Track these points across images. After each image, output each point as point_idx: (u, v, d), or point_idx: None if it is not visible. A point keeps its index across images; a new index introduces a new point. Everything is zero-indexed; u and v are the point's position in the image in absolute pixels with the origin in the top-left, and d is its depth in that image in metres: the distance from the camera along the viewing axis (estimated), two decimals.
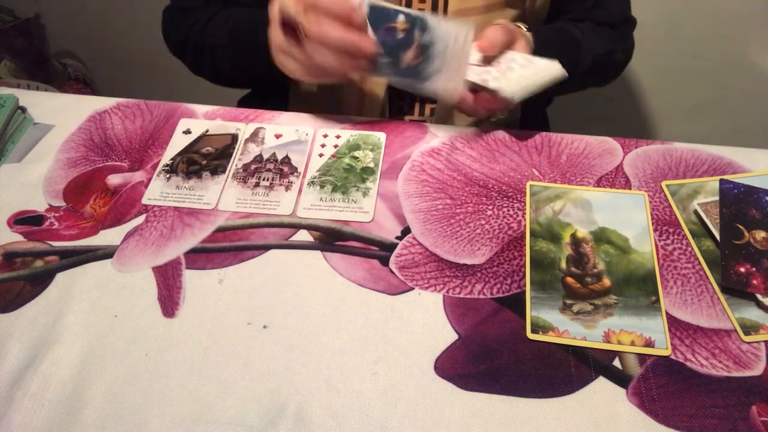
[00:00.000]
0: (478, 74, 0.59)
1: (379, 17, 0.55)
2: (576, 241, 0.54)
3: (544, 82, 0.58)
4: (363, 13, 0.54)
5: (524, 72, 0.58)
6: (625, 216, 0.55)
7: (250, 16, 0.66)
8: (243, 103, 0.85)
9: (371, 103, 0.71)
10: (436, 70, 0.57)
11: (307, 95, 0.74)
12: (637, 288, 0.50)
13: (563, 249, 0.53)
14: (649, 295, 0.50)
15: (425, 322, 0.49)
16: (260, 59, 0.62)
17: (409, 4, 0.68)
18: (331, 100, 0.72)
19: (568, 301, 0.50)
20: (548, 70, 0.59)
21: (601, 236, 0.54)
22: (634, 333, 0.47)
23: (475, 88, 0.59)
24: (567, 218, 0.55)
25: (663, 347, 0.47)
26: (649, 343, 0.47)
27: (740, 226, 0.54)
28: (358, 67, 0.56)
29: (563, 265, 0.52)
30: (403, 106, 0.75)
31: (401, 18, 0.55)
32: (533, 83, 0.57)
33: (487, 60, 0.59)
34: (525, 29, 0.67)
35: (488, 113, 0.63)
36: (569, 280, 0.51)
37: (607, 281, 0.51)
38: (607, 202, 0.57)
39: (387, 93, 0.71)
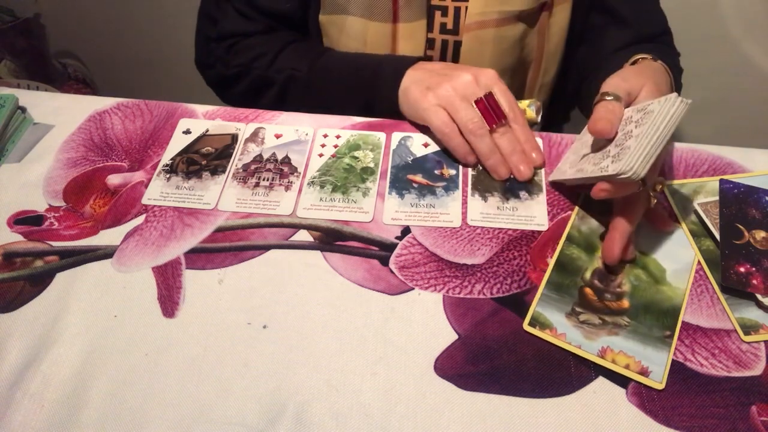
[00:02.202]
0: (597, 163, 0.48)
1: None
2: None
3: (668, 127, 0.44)
4: None
5: (640, 131, 0.45)
6: (672, 249, 0.53)
7: (361, 59, 0.67)
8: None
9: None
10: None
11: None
12: (654, 318, 0.49)
13: (594, 261, 0.52)
14: (665, 329, 0.48)
15: (425, 322, 0.49)
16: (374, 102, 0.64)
17: (430, 20, 0.68)
18: None
19: (578, 309, 0.49)
20: (665, 110, 0.45)
21: (639, 260, 0.52)
22: (632, 358, 0.46)
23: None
24: None
25: (657, 380, 0.45)
26: (644, 371, 0.45)
27: (740, 226, 0.54)
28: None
29: (587, 275, 0.51)
30: None
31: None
32: (654, 140, 0.44)
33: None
34: (651, 58, 0.60)
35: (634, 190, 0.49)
36: (587, 290, 0.50)
37: (626, 302, 0.50)
38: (657, 230, 0.55)
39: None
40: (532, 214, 0.56)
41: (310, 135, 0.63)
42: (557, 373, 0.46)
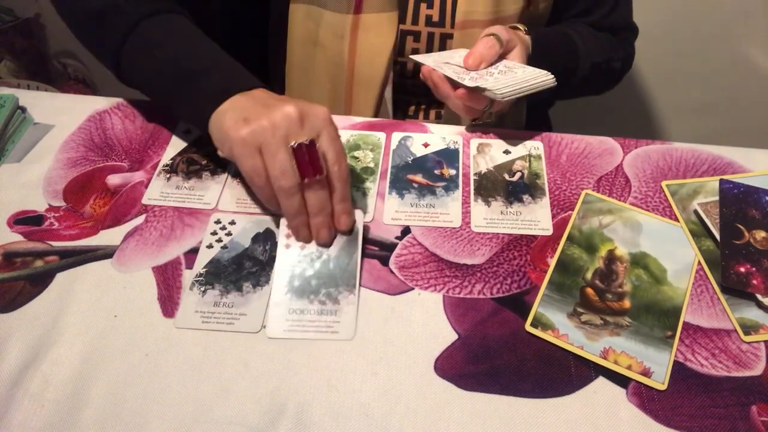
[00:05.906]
0: (457, 73, 0.59)
1: None
2: (611, 258, 0.53)
3: (530, 86, 0.57)
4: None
5: (507, 76, 0.58)
6: (672, 249, 0.54)
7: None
8: None
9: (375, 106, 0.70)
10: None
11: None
12: (656, 318, 0.49)
13: (595, 261, 0.52)
14: (666, 329, 0.48)
15: (425, 322, 0.49)
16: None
17: (416, 12, 0.67)
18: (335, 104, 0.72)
19: (580, 310, 0.49)
20: (537, 77, 0.58)
21: (639, 260, 0.52)
22: (635, 358, 0.46)
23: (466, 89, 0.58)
24: (611, 234, 0.54)
25: (660, 381, 0.45)
26: (646, 372, 0.46)
27: (740, 226, 0.54)
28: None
29: (588, 275, 0.51)
30: (407, 110, 0.75)
31: None
32: (519, 86, 0.57)
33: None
34: (524, 31, 0.66)
35: (473, 114, 0.62)
36: (589, 290, 0.50)
37: (627, 303, 0.50)
38: (658, 229, 0.55)
39: (392, 97, 0.71)
40: (536, 218, 0.56)
41: None
42: (557, 373, 0.46)
